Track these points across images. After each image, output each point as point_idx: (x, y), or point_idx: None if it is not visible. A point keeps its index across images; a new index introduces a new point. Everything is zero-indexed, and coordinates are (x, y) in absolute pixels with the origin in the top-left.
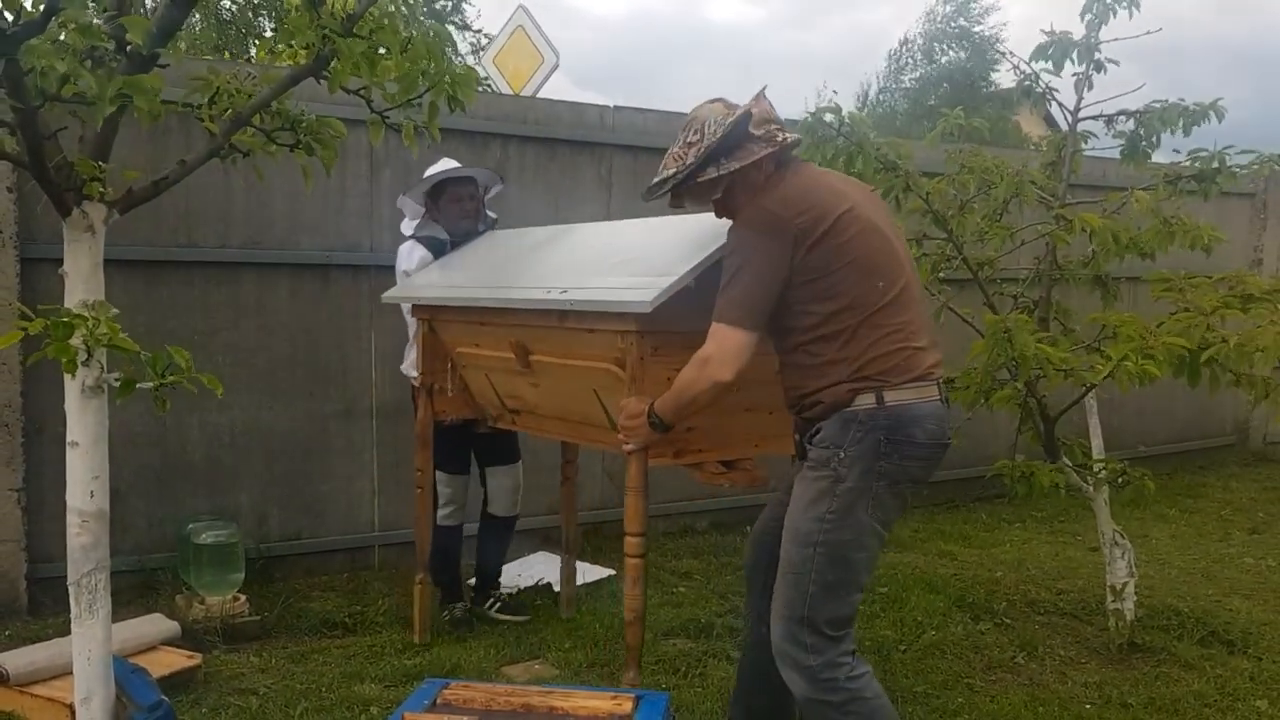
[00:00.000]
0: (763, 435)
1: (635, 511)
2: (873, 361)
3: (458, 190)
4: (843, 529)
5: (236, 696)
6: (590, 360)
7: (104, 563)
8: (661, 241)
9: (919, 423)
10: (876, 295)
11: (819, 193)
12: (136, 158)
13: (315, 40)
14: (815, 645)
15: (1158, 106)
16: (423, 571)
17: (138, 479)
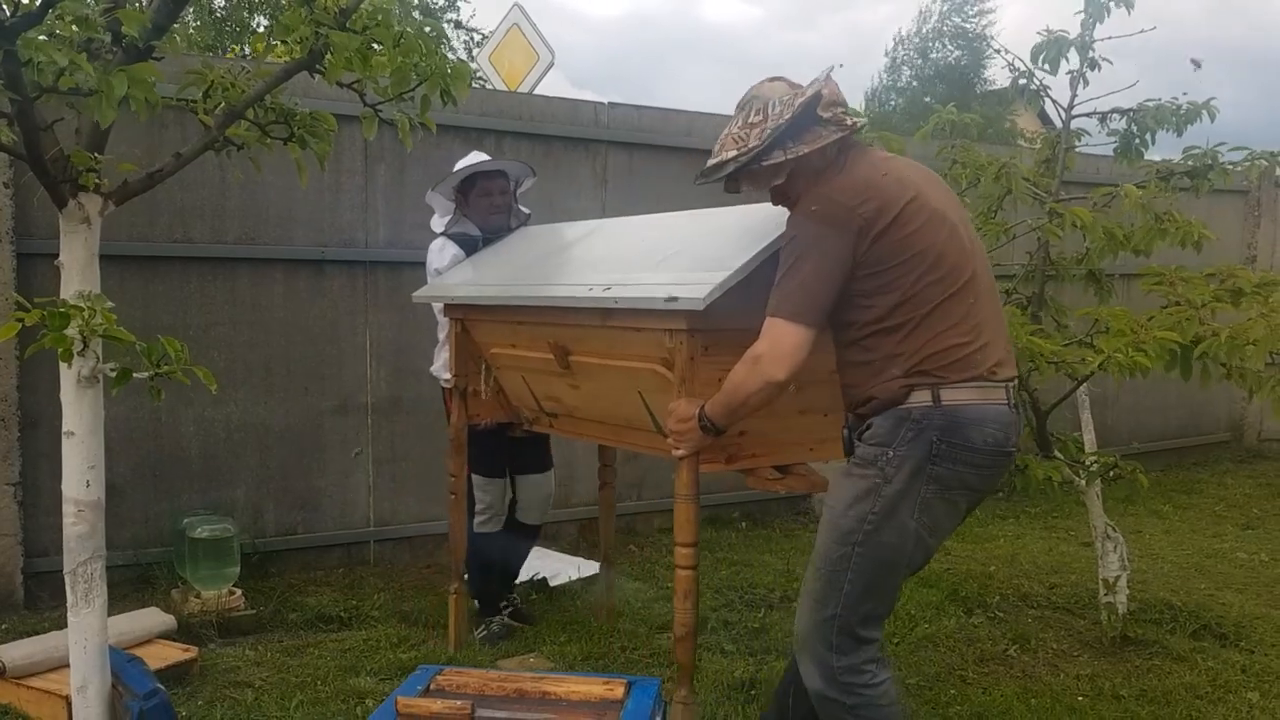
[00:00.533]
0: (818, 439)
1: (686, 520)
2: (931, 357)
3: (487, 184)
4: (884, 531)
5: (232, 689)
6: (635, 360)
7: (100, 552)
8: (709, 234)
9: (977, 426)
10: (940, 288)
11: (884, 180)
12: (132, 151)
13: (309, 35)
14: (842, 646)
15: (1151, 105)
16: (457, 581)
17: (134, 474)
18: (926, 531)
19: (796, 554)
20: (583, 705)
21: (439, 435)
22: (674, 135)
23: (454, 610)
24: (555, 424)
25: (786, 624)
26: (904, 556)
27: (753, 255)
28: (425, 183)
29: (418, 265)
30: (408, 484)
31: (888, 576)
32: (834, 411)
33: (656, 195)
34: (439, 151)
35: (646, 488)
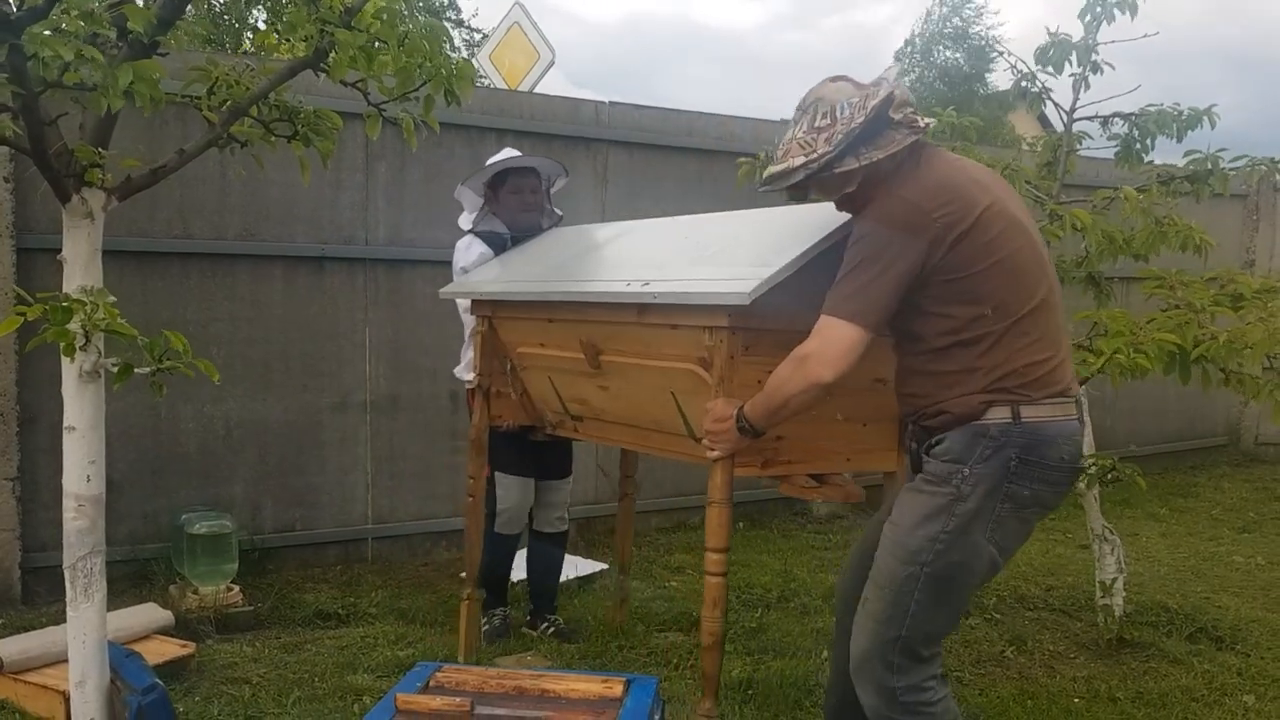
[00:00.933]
0: (857, 449)
1: (718, 524)
2: (1013, 373)
3: (519, 182)
4: (955, 550)
5: (229, 685)
6: (671, 360)
7: (99, 547)
8: (750, 234)
9: (1055, 443)
10: (1022, 299)
11: (961, 184)
12: (134, 146)
13: (314, 33)
14: (903, 667)
15: (1153, 110)
16: (472, 587)
17: (132, 470)
18: (997, 550)
19: (794, 554)
20: (581, 703)
21: (438, 433)
22: (675, 135)
23: (465, 617)
24: (580, 428)
25: (784, 624)
26: (974, 575)
27: (801, 252)
28: (426, 181)
29: (418, 263)
30: (406, 482)
31: (955, 595)
32: (874, 421)
33: (657, 195)
34: (440, 150)
35: (645, 487)
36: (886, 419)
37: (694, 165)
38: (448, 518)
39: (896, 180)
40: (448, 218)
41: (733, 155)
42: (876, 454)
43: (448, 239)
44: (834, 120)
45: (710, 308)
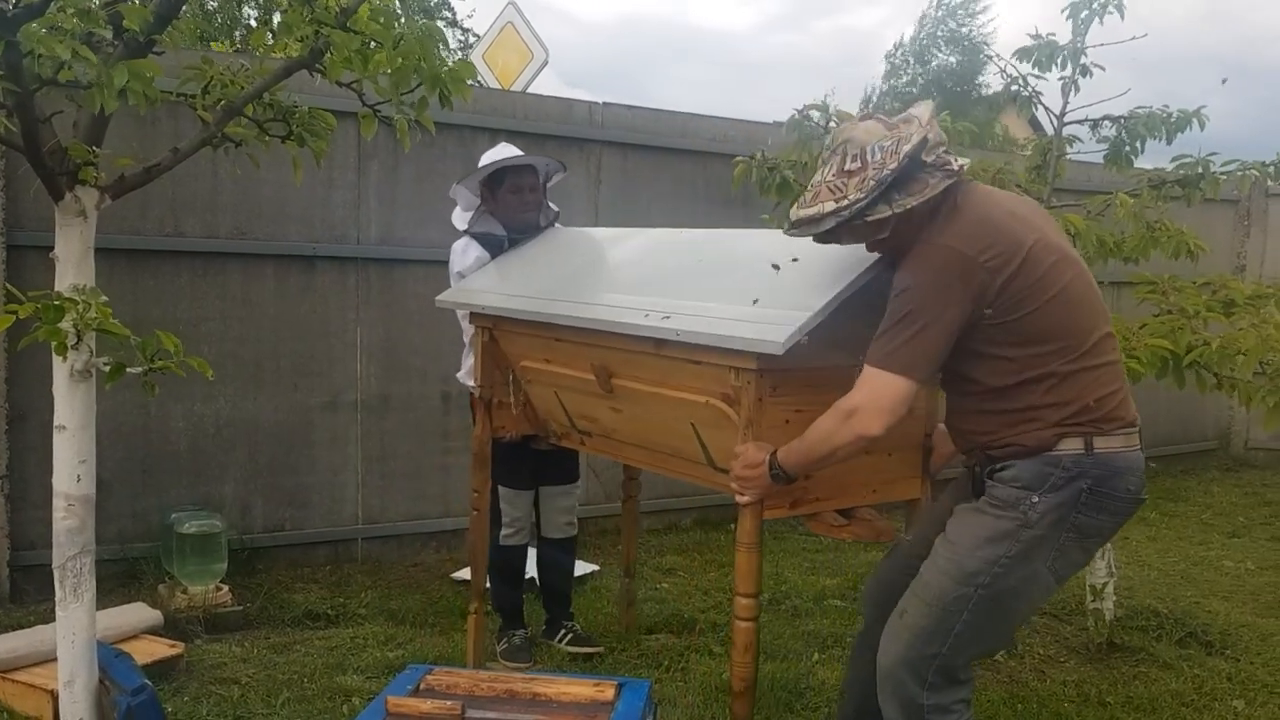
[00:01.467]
0: (882, 480)
1: (748, 569)
2: (1085, 409)
3: (517, 180)
4: (1013, 576)
5: (218, 686)
6: (691, 393)
7: (89, 547)
8: (774, 259)
9: (1124, 475)
10: (1085, 331)
11: (1001, 221)
12: (125, 145)
13: (310, 34)
14: (936, 685)
15: (1142, 112)
16: (478, 600)
17: (122, 469)
18: (1054, 578)
19: (785, 556)
20: (573, 706)
21: (428, 433)
22: (668, 136)
23: (473, 631)
24: (588, 442)
25: (775, 626)
26: (1026, 603)
27: (834, 295)
28: (418, 180)
29: (410, 263)
30: (396, 482)
31: (1005, 621)
32: (899, 451)
33: (650, 197)
34: (432, 150)
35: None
36: (911, 447)
37: (688, 166)
38: (438, 518)
39: (934, 225)
40: (440, 217)
41: (727, 157)
42: (901, 483)
43: (440, 239)
44: (865, 164)
45: (738, 352)
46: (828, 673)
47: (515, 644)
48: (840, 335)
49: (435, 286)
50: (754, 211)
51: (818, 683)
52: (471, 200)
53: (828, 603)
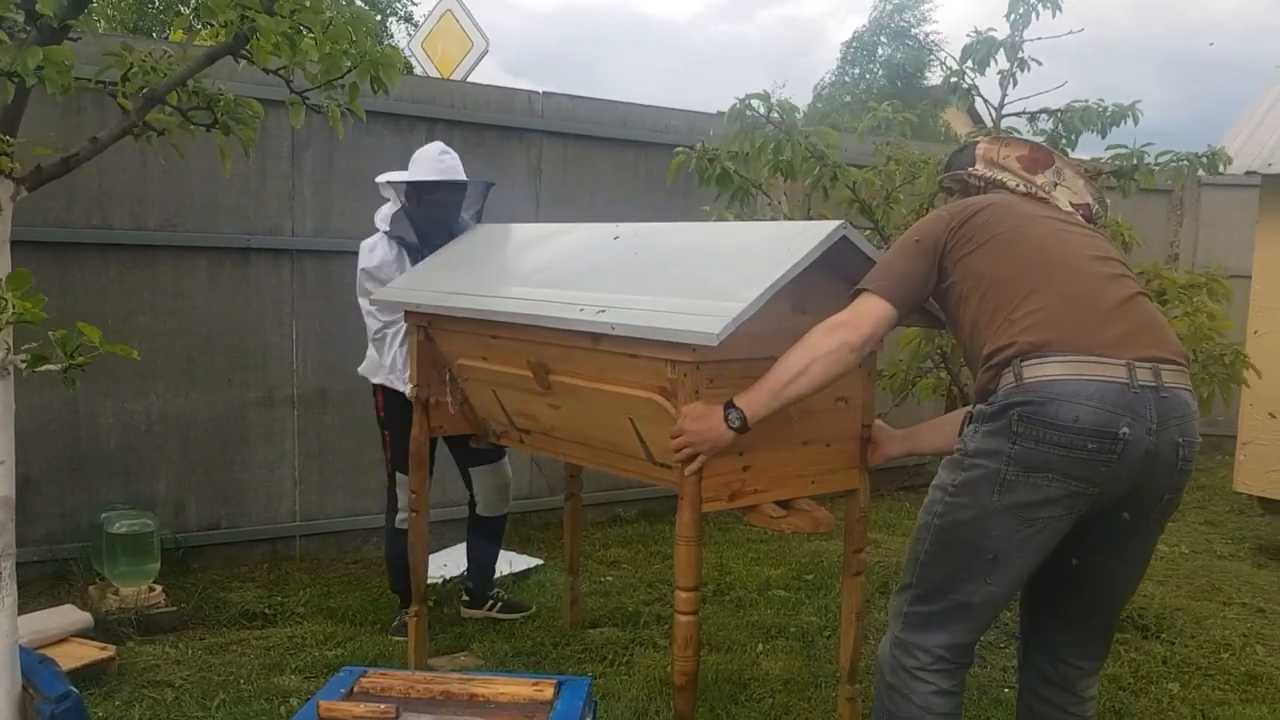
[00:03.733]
0: (820, 471)
1: (687, 563)
2: (1031, 344)
3: (446, 197)
4: (962, 509)
5: (151, 689)
6: (629, 387)
7: (9, 550)
8: (704, 253)
9: (1060, 402)
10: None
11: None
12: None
13: (234, 18)
14: (910, 621)
15: (1078, 106)
16: (419, 604)
17: (49, 467)
18: (1016, 519)
19: (730, 547)
20: (511, 706)
21: (366, 428)
22: (610, 126)
23: (414, 633)
24: (527, 440)
25: (719, 617)
26: (987, 540)
27: (767, 286)
28: (354, 171)
29: (346, 254)
30: (335, 478)
31: (967, 559)
32: (837, 441)
33: (592, 187)
34: (369, 139)
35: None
36: (849, 438)
37: (629, 157)
38: (378, 514)
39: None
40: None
41: (668, 147)
42: (840, 474)
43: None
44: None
45: (674, 344)
46: (772, 663)
47: (404, 622)
48: (777, 327)
49: None
50: (695, 202)
51: (762, 673)
52: (395, 195)
53: (772, 593)
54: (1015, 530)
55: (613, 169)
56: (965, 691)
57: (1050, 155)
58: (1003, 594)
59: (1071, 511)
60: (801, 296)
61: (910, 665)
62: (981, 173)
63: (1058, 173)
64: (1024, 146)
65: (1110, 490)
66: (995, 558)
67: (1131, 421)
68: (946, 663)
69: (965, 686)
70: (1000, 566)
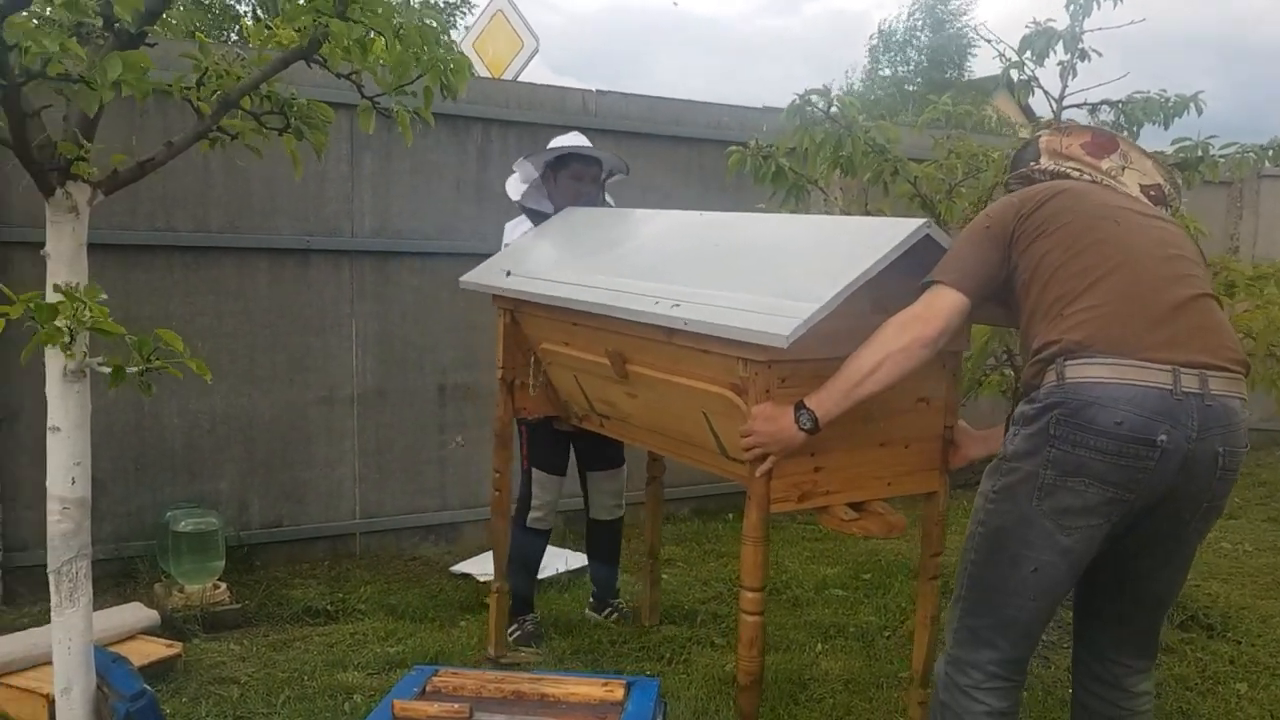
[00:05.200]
0: (897, 473)
1: (753, 564)
2: (1076, 343)
3: (580, 169)
4: (1003, 514)
5: (217, 685)
6: (702, 381)
7: (85, 550)
8: (787, 248)
9: (1100, 406)
10: (1083, 271)
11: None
12: (116, 139)
13: (309, 23)
14: (959, 636)
15: (1139, 97)
16: (500, 579)
17: (116, 467)
18: (1054, 525)
19: (784, 546)
20: (582, 707)
21: (425, 426)
22: (663, 124)
23: (495, 610)
24: (607, 425)
25: (777, 616)
26: (1029, 549)
27: (844, 286)
28: (412, 172)
29: (405, 255)
30: (393, 476)
31: (1009, 567)
32: (917, 442)
33: (645, 185)
34: (426, 140)
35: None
36: (929, 438)
37: (682, 154)
38: (436, 511)
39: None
40: (435, 209)
41: (721, 144)
42: (919, 475)
43: (435, 231)
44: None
45: (745, 343)
46: (831, 663)
47: (528, 630)
48: (854, 326)
49: (430, 279)
50: (749, 198)
51: (821, 673)
52: (531, 174)
53: (829, 592)
54: (1054, 539)
55: (665, 166)
56: (1029, 691)
57: (1114, 139)
58: (1048, 606)
59: (1109, 519)
60: (882, 295)
61: (964, 683)
62: (1046, 166)
63: (1124, 155)
64: (1087, 133)
65: (1147, 496)
66: (1037, 569)
67: (1170, 429)
68: (999, 680)
69: (1021, 704)
70: (1042, 578)
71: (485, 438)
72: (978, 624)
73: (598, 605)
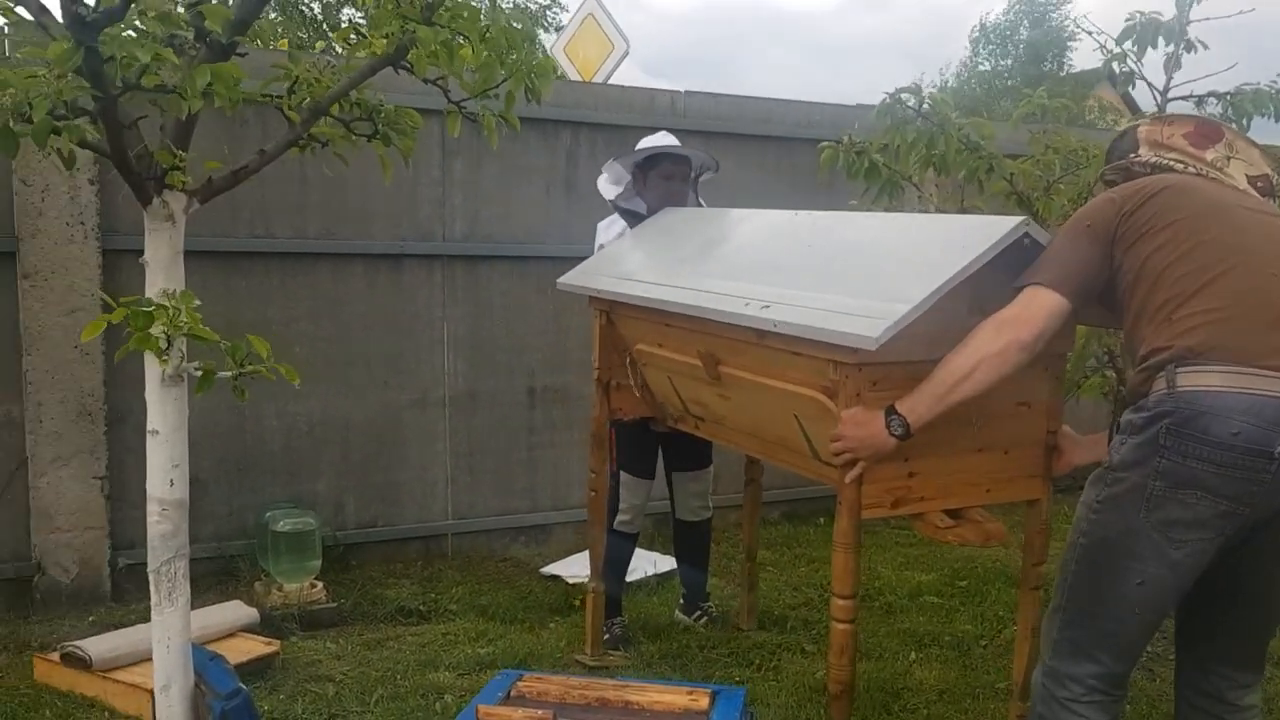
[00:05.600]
0: (995, 480)
1: (844, 570)
2: (1188, 349)
3: (670, 168)
4: (1107, 525)
5: (313, 683)
6: (793, 384)
7: (183, 550)
8: (883, 247)
9: (1213, 416)
10: (1196, 272)
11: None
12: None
13: (396, 30)
14: (1060, 647)
15: (1248, 89)
16: (596, 580)
17: (217, 468)
18: (1163, 538)
19: (877, 550)
20: (666, 715)
21: (515, 429)
22: (751, 123)
23: (591, 609)
24: (702, 427)
25: (869, 624)
26: (1135, 561)
27: (936, 287)
28: (502, 176)
29: (495, 259)
30: (485, 477)
31: (1112, 580)
32: (1015, 448)
33: (734, 185)
34: (515, 145)
35: (721, 481)
36: (1030, 444)
37: (772, 153)
38: (526, 513)
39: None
40: (525, 213)
41: (811, 142)
42: (1020, 482)
43: (524, 234)
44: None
45: (835, 345)
46: (925, 673)
47: (615, 633)
48: (951, 328)
49: (519, 282)
50: (840, 197)
51: (915, 683)
52: (622, 175)
53: (923, 599)
54: (1163, 552)
55: (755, 165)
56: (1133, 704)
57: (1219, 128)
58: (1153, 621)
59: (1221, 533)
60: (980, 296)
61: (1062, 696)
62: (1146, 158)
63: (1229, 145)
64: (1189, 123)
65: (1263, 510)
66: (1144, 583)
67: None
68: (1099, 694)
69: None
70: (1148, 592)
71: (574, 440)
72: (1078, 636)
73: (687, 608)
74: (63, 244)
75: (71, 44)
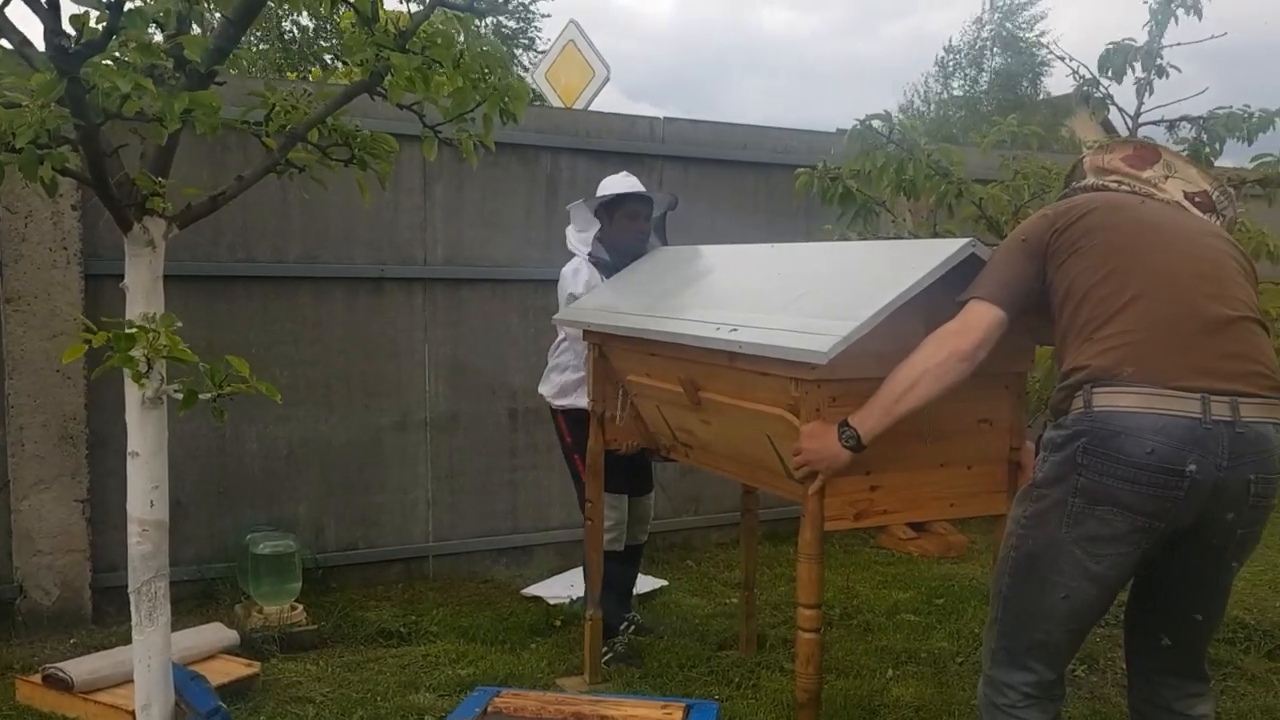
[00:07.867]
0: (959, 494)
1: (809, 580)
2: (1103, 369)
3: (634, 209)
4: (1034, 539)
5: (293, 704)
6: (763, 404)
7: (163, 570)
8: (843, 274)
9: (1126, 436)
10: (1115, 292)
11: (1089, 197)
12: (196, 174)
13: (370, 57)
14: (998, 656)
15: (1221, 113)
16: (594, 608)
17: (198, 491)
18: (1085, 554)
19: (856, 570)
20: None
21: (496, 451)
22: (730, 149)
23: (589, 636)
24: (691, 454)
25: (847, 642)
26: (1059, 575)
27: (881, 306)
28: (483, 200)
29: (476, 282)
30: (466, 499)
31: (1041, 592)
32: (978, 464)
33: (713, 211)
34: (496, 169)
35: (704, 502)
36: (993, 460)
37: (750, 179)
38: (508, 534)
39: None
40: (505, 237)
41: (789, 168)
42: (983, 497)
43: (505, 258)
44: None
45: (793, 363)
46: (902, 689)
47: (619, 652)
48: (907, 346)
49: (500, 305)
50: (817, 222)
51: (892, 699)
52: (588, 220)
53: (900, 617)
54: (1084, 567)
55: (733, 191)
56: (1106, 703)
57: (1156, 150)
58: (1079, 629)
59: (1138, 547)
60: (935, 315)
61: (1001, 704)
62: (1090, 183)
63: (1167, 165)
64: (1128, 146)
65: (1178, 524)
66: (1068, 596)
67: (1200, 458)
68: (1035, 699)
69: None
70: (1073, 604)
71: (555, 461)
72: (1013, 646)
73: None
74: (45, 269)
75: (54, 74)
